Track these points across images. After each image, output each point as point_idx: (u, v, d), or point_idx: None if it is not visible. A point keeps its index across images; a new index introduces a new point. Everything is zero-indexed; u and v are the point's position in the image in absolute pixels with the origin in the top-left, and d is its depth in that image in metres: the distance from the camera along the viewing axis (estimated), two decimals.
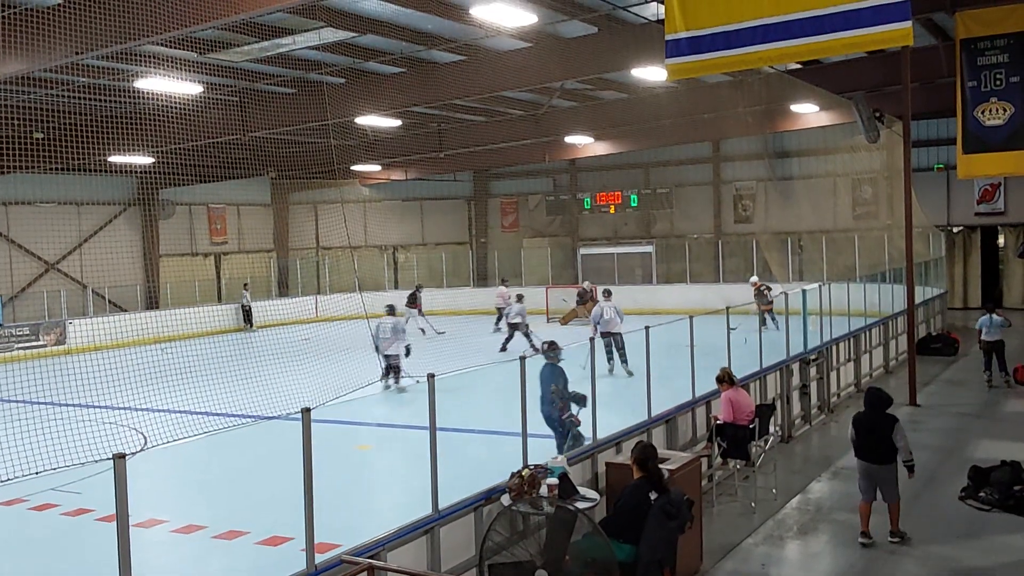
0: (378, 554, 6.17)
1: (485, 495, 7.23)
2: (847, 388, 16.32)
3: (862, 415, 8.93)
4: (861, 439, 8.82)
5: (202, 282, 32.75)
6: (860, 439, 8.83)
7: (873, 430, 8.76)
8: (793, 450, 12.66)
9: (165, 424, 13.91)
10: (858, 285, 19.02)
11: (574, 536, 6.61)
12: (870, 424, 8.80)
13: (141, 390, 16.63)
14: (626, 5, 14.69)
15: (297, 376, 15.92)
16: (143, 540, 8.78)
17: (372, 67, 18.35)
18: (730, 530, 9.26)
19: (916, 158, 27.43)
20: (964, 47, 13.98)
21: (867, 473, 8.82)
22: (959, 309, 29.90)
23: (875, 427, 8.76)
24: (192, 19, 11.31)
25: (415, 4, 14.06)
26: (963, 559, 8.47)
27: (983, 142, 14.01)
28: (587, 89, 22.42)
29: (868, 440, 8.77)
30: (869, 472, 8.79)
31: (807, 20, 8.24)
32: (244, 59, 16.88)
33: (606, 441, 8.96)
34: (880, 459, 8.71)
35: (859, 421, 8.89)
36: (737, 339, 12.06)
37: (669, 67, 9.20)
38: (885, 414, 8.80)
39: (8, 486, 10.24)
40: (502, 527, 7.00)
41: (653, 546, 6.71)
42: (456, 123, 26.00)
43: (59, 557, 9.08)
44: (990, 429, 13.65)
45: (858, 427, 8.86)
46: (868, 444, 8.77)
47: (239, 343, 22.72)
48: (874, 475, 8.76)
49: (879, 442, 8.70)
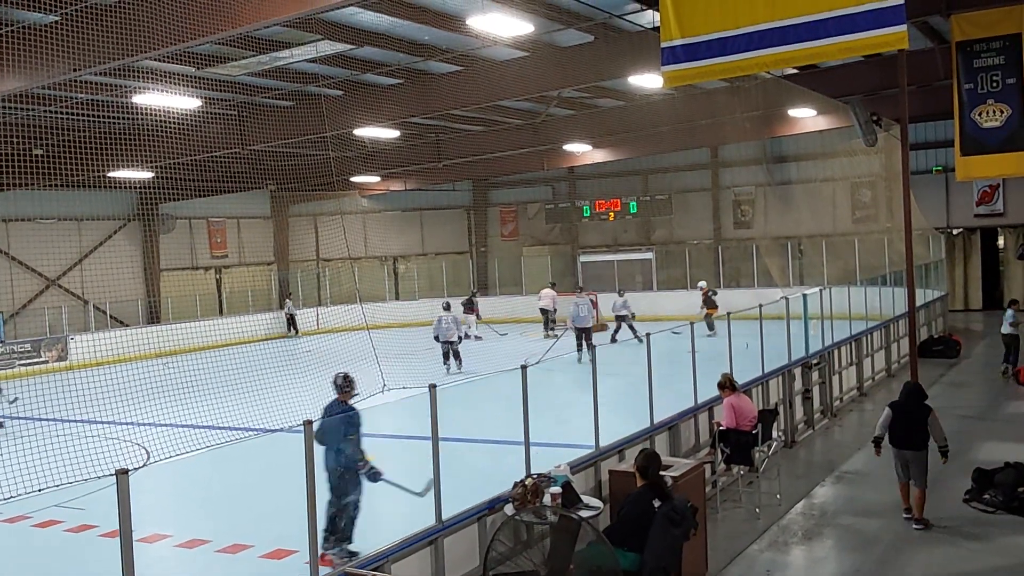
0: (382, 566, 6.16)
1: (488, 505, 7.22)
2: (850, 392, 16.31)
3: (899, 404, 9.63)
4: (897, 426, 9.49)
5: (203, 296, 32.75)
6: (896, 426, 9.50)
7: (909, 418, 9.42)
8: (797, 455, 12.65)
9: (168, 439, 13.90)
10: (859, 289, 19.02)
11: (578, 545, 6.61)
12: (907, 413, 9.48)
13: (143, 405, 16.62)
14: (622, 13, 14.72)
15: (299, 388, 15.90)
16: (147, 555, 8.77)
17: (370, 79, 18.40)
18: (735, 536, 9.24)
19: (914, 161, 27.47)
20: (960, 50, 13.98)
21: (901, 458, 9.54)
22: (960, 311, 29.89)
23: (912, 416, 9.42)
24: (189, 34, 11.35)
25: (412, 16, 14.09)
26: (969, 561, 8.46)
27: (981, 144, 14.00)
28: (584, 97, 22.46)
29: (904, 427, 9.45)
30: (904, 457, 9.50)
31: (802, 25, 8.25)
32: (242, 73, 16.93)
33: (609, 449, 8.96)
34: (913, 445, 9.38)
35: (897, 408, 9.58)
36: (738, 344, 12.06)
37: (665, 74, 9.21)
38: (922, 404, 9.48)
39: (12, 503, 10.23)
40: (506, 537, 6.99)
41: (658, 554, 6.69)
42: (454, 133, 26.05)
43: (63, 573, 9.06)
44: (993, 431, 13.63)
45: (896, 414, 9.53)
46: (903, 431, 9.46)
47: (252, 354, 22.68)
48: (908, 460, 9.46)
49: (914, 430, 9.39)
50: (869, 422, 14.62)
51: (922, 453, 9.40)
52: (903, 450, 9.48)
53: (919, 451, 9.40)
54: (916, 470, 9.42)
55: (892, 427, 9.52)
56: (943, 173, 29.37)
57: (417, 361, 17.37)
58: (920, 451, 9.39)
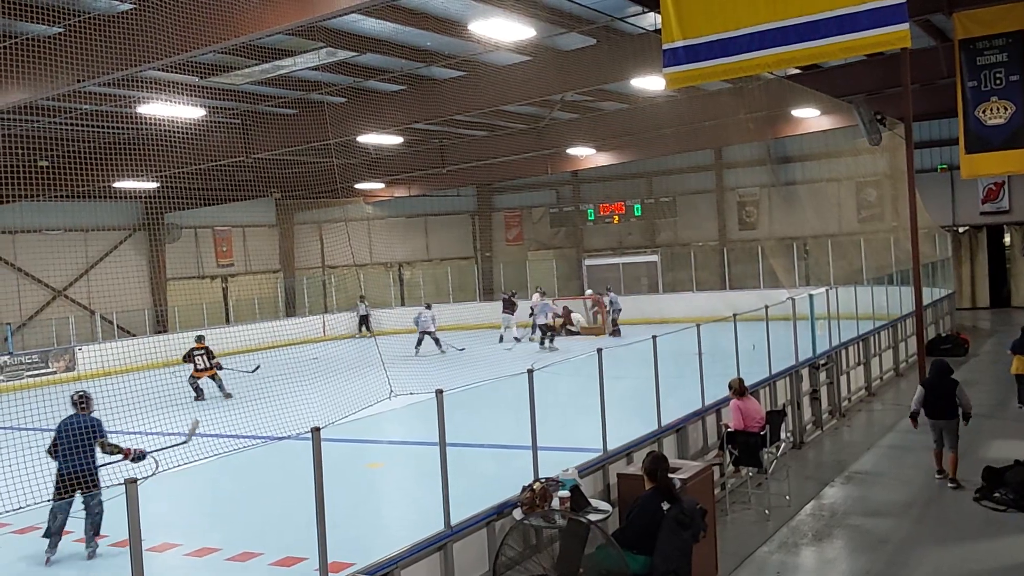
0: (392, 572, 6.16)
1: (497, 510, 7.21)
2: (858, 392, 16.25)
3: (930, 381, 11.00)
4: (930, 399, 10.85)
5: (210, 304, 32.81)
6: (929, 399, 10.86)
7: (939, 392, 10.79)
8: (806, 456, 12.61)
9: (176, 448, 13.90)
10: (865, 288, 18.98)
11: (587, 548, 6.60)
12: (937, 387, 10.83)
13: (151, 414, 16.63)
14: (624, 16, 14.74)
15: (306, 395, 15.92)
16: (157, 565, 8.78)
17: (373, 85, 18.44)
18: (744, 538, 9.22)
19: (919, 159, 27.43)
20: (963, 47, 13.96)
21: (936, 428, 10.86)
22: (967, 309, 29.79)
23: (941, 389, 10.78)
24: (192, 43, 11.38)
25: (414, 22, 14.12)
26: (980, 560, 8.42)
27: (985, 141, 13.98)
28: (587, 101, 22.48)
29: (936, 400, 10.80)
30: (938, 427, 10.83)
31: (804, 25, 8.23)
32: (245, 81, 16.97)
33: (617, 452, 8.94)
34: (945, 415, 10.73)
35: (929, 384, 10.96)
36: (745, 346, 12.04)
37: (667, 76, 9.20)
38: (950, 379, 10.79)
39: (21, 514, 10.23)
40: (515, 541, 6.98)
41: (667, 556, 6.67)
42: (458, 138, 26.08)
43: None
44: (1003, 429, 13.57)
45: (928, 389, 10.91)
46: (935, 403, 10.81)
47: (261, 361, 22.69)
48: (942, 428, 10.79)
49: (945, 401, 10.73)
50: (878, 422, 14.61)
51: (953, 421, 10.67)
52: (937, 420, 10.79)
53: (951, 420, 10.67)
54: (949, 437, 10.71)
55: (926, 401, 10.85)
56: (948, 171, 29.31)
57: (424, 366, 17.37)
58: (952, 419, 10.67)
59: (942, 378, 10.89)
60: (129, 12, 11.86)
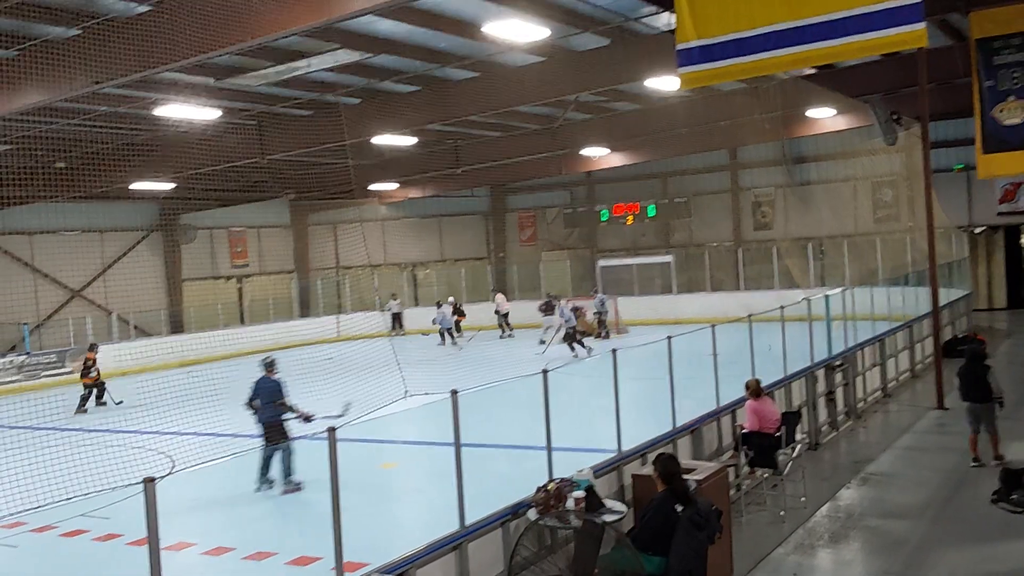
0: (407, 572, 6.17)
1: (511, 510, 7.21)
2: (874, 393, 16.16)
3: (964, 368, 11.53)
4: (965, 384, 11.42)
5: (225, 305, 32.96)
6: (965, 384, 11.43)
7: (973, 376, 11.36)
8: (821, 457, 12.55)
9: (192, 447, 13.98)
10: (881, 289, 18.87)
11: (602, 549, 6.59)
12: (971, 372, 11.41)
13: (168, 414, 16.72)
14: (638, 16, 14.72)
15: (321, 395, 15.96)
16: (173, 563, 8.82)
17: (387, 86, 18.48)
18: (760, 540, 9.18)
19: (936, 159, 27.12)
20: (979, 47, 13.88)
21: (972, 411, 11.36)
22: (984, 310, 29.59)
23: (974, 374, 11.35)
24: (208, 45, 11.44)
25: (428, 23, 14.15)
26: (997, 563, 8.36)
27: (1002, 141, 13.88)
28: (601, 101, 22.46)
29: (971, 385, 11.37)
30: (973, 410, 11.34)
31: (820, 25, 8.20)
32: (261, 83, 17.04)
33: (632, 453, 8.93)
34: (980, 399, 11.28)
35: (963, 371, 11.52)
36: (761, 347, 12.00)
37: (682, 76, 9.18)
38: (982, 364, 11.38)
39: (38, 513, 10.31)
40: (530, 542, 6.99)
41: (683, 557, 6.66)
42: (472, 139, 26.11)
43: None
44: (1020, 431, 13.46)
45: (962, 376, 11.50)
46: (970, 388, 11.37)
47: None
48: (977, 412, 11.31)
49: (979, 386, 11.29)
50: (894, 423, 14.53)
51: (988, 404, 11.22)
52: (973, 404, 11.31)
53: (985, 403, 11.21)
54: (986, 419, 11.27)
55: (961, 387, 11.43)
56: (964, 171, 29.10)
57: (438, 367, 17.40)
58: (986, 403, 11.22)
59: (975, 363, 11.45)
60: (146, 14, 11.94)
